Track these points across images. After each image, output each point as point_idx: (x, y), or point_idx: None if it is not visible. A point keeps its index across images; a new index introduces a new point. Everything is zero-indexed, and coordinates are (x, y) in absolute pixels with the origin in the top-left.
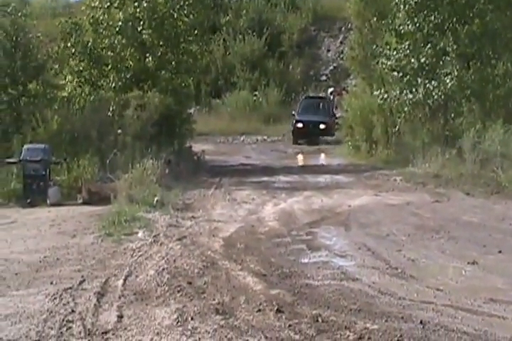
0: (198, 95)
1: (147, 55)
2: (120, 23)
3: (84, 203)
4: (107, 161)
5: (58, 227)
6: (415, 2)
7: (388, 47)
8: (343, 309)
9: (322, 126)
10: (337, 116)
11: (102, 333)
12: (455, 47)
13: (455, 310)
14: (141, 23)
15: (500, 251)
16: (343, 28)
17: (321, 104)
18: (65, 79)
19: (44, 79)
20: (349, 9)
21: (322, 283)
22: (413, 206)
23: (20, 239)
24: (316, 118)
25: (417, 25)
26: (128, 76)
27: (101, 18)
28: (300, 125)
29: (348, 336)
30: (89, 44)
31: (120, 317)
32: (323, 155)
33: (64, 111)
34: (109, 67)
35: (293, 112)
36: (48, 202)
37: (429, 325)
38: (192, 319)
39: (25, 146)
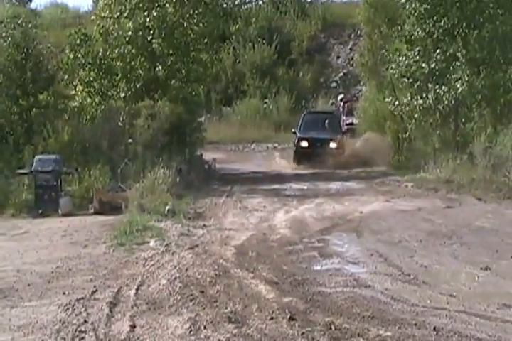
0: (208, 103)
1: (157, 64)
2: (130, 33)
3: (96, 213)
4: (118, 171)
5: (70, 237)
6: (425, 8)
7: (398, 53)
8: (356, 316)
9: (333, 145)
10: (349, 122)
11: None
12: (465, 52)
13: (468, 316)
14: (151, 32)
15: None
16: (352, 35)
17: (327, 120)
18: (76, 89)
19: (55, 89)
20: (359, 16)
21: (335, 291)
22: (425, 212)
23: (33, 249)
24: (324, 135)
25: (427, 30)
26: (138, 85)
27: (111, 28)
28: (304, 144)
29: None
30: (99, 54)
31: (133, 326)
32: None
33: (75, 122)
34: (119, 76)
35: (293, 130)
36: (60, 212)
37: (443, 332)
38: (205, 328)
39: (37, 157)
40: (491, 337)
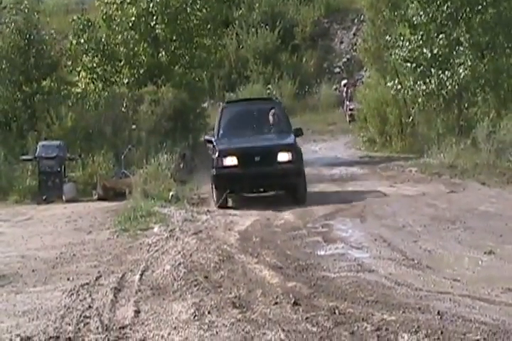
0: (211, 89)
1: (160, 49)
2: (133, 19)
3: (100, 199)
4: (122, 157)
5: (74, 223)
6: None
7: (401, 38)
8: (360, 301)
9: (283, 157)
10: (351, 107)
11: (120, 328)
12: (468, 37)
13: (472, 300)
14: (154, 18)
15: None
16: (356, 20)
17: (271, 112)
18: (79, 75)
19: (58, 76)
20: (362, 1)
21: (338, 275)
22: (429, 197)
23: (37, 235)
24: (264, 141)
25: (430, 15)
26: (141, 71)
27: (114, 13)
28: (231, 161)
29: (366, 328)
30: (103, 40)
31: (137, 312)
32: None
33: (78, 108)
34: (123, 62)
35: (206, 137)
36: (64, 198)
37: (447, 316)
38: (209, 313)
39: (40, 143)
40: (495, 321)
